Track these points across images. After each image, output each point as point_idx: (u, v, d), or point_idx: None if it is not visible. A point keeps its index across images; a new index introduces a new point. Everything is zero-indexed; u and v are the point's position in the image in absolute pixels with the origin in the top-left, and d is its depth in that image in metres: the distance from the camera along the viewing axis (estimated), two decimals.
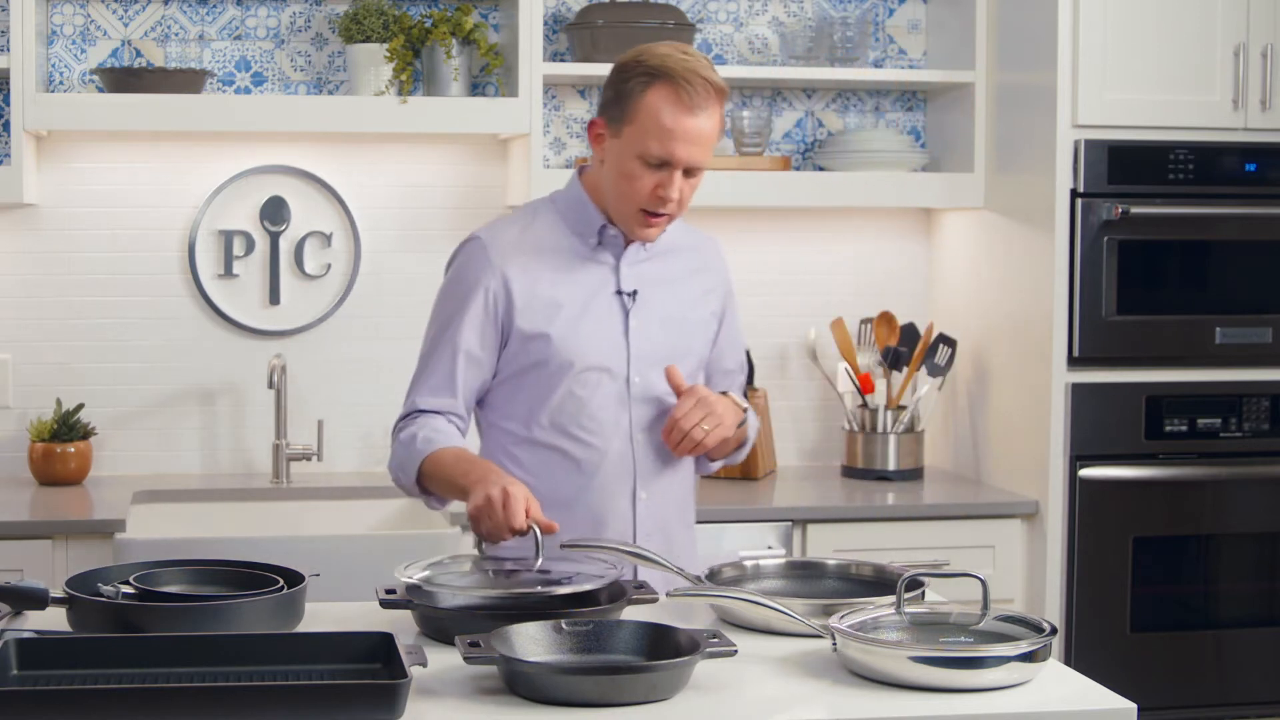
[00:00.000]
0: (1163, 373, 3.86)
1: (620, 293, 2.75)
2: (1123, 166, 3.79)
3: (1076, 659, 3.77)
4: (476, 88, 4.13)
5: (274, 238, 4.14)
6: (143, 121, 3.81)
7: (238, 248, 4.13)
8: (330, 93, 4.13)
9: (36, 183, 3.98)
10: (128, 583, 2.34)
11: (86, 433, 3.97)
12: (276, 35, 4.12)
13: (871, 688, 2.11)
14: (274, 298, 4.15)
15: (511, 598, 2.33)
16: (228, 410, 4.14)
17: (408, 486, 2.72)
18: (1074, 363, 3.81)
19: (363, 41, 3.96)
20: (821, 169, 4.23)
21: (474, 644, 2.07)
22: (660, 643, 2.14)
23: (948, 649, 2.11)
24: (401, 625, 2.33)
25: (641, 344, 2.74)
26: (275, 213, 4.14)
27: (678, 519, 2.84)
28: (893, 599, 2.27)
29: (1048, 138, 3.80)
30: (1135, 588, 3.83)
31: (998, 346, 4.06)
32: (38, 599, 2.34)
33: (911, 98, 4.39)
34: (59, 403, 4.00)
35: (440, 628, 2.30)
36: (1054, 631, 2.18)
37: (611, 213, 2.73)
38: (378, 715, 1.92)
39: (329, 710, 1.90)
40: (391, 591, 2.39)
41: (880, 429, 4.12)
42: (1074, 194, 3.78)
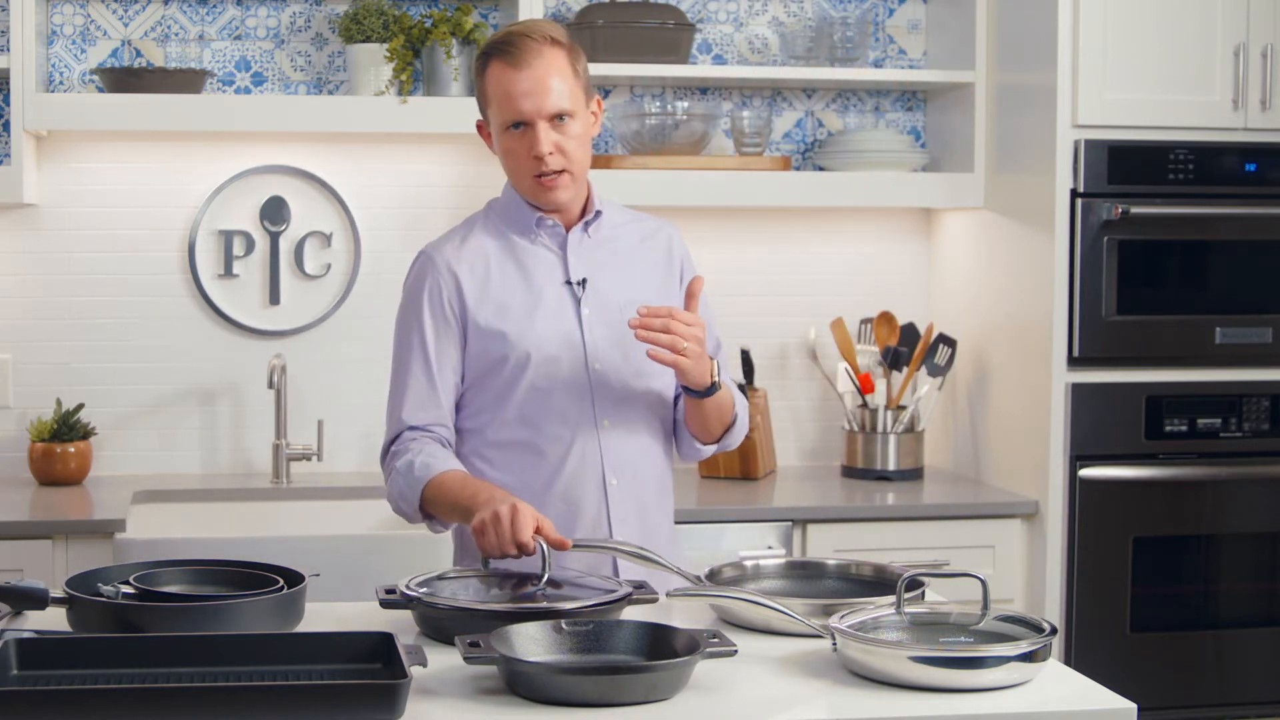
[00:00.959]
0: (1163, 373, 3.86)
1: (569, 282, 2.77)
2: (1123, 166, 3.79)
3: (1076, 659, 3.77)
4: None
5: (274, 238, 4.14)
6: (143, 121, 3.81)
7: (238, 248, 4.13)
8: (330, 93, 4.13)
9: (36, 183, 3.98)
10: (128, 583, 2.33)
11: (86, 433, 3.98)
12: (276, 35, 4.12)
13: (871, 688, 2.11)
14: (274, 298, 4.15)
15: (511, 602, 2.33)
16: (228, 410, 4.14)
17: (409, 514, 2.71)
18: (1074, 363, 3.81)
19: (363, 41, 3.96)
20: (821, 169, 4.23)
21: (474, 644, 2.07)
22: (660, 643, 2.14)
23: (948, 649, 2.11)
24: (401, 625, 2.33)
25: (597, 330, 2.75)
26: (275, 213, 4.14)
27: (655, 505, 2.83)
28: (893, 599, 2.27)
29: (1048, 138, 3.80)
30: (1135, 588, 3.83)
31: (998, 346, 4.06)
32: (38, 599, 2.34)
33: (911, 98, 4.39)
34: (59, 403, 4.00)
35: (440, 628, 2.30)
36: (1054, 631, 2.18)
37: (522, 195, 2.77)
38: (378, 715, 1.92)
39: (329, 710, 1.90)
40: (391, 591, 2.38)
41: (880, 429, 4.12)
42: (1074, 194, 3.78)
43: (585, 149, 2.73)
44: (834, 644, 2.18)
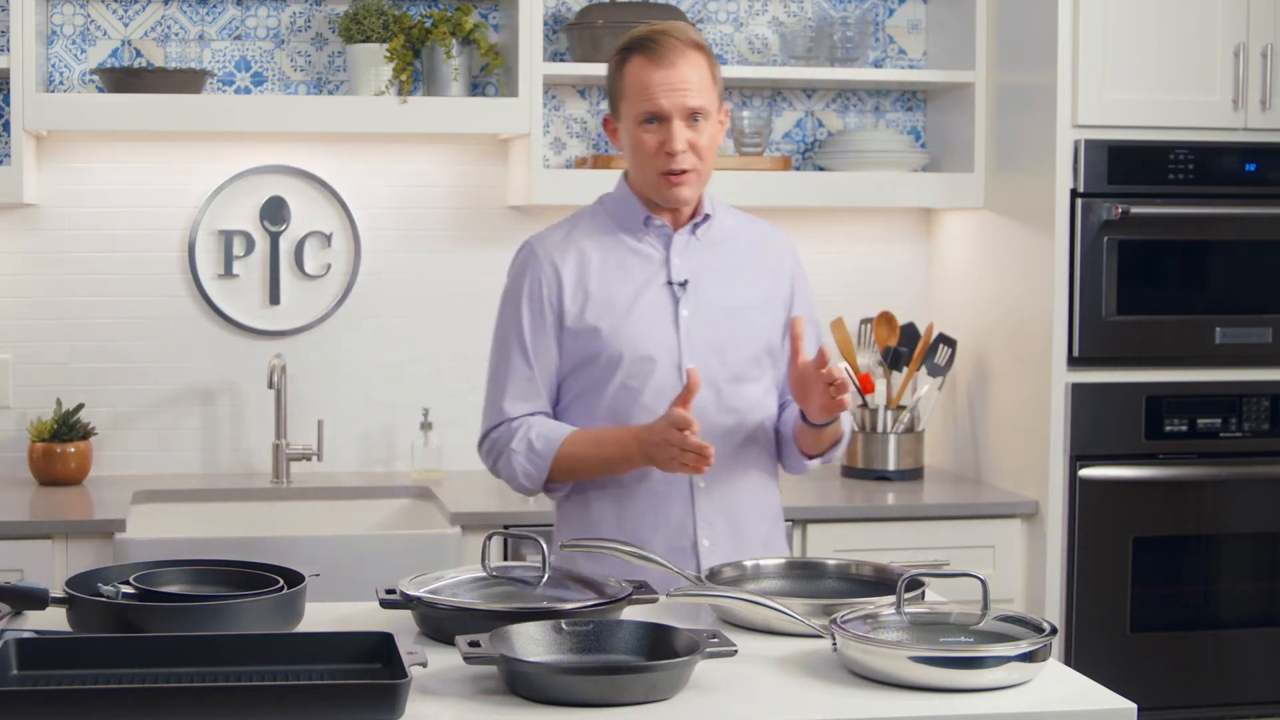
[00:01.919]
0: (1163, 373, 3.86)
1: (671, 283, 2.78)
2: (1123, 166, 3.79)
3: (1076, 659, 3.77)
4: (476, 88, 4.13)
5: (274, 238, 4.14)
6: (143, 121, 3.81)
7: (238, 248, 4.13)
8: (330, 93, 4.13)
9: (36, 183, 3.98)
10: (128, 583, 2.33)
11: (86, 433, 3.97)
12: (276, 35, 4.12)
13: (871, 688, 2.11)
14: (274, 298, 4.15)
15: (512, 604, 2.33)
16: (228, 410, 4.14)
17: (532, 488, 2.79)
18: (1074, 363, 3.81)
19: (363, 41, 3.96)
20: (821, 169, 4.23)
21: (474, 644, 2.07)
22: (660, 643, 2.14)
23: (948, 649, 2.11)
24: (401, 625, 2.33)
25: (694, 333, 2.77)
26: (275, 213, 4.14)
27: (753, 509, 2.83)
28: (893, 599, 2.27)
29: (1048, 138, 3.80)
30: (1135, 588, 3.83)
31: (998, 346, 4.06)
32: (38, 599, 2.34)
33: (911, 98, 4.39)
34: (59, 403, 4.00)
35: (440, 628, 2.30)
36: (1054, 631, 2.18)
37: (644, 190, 2.79)
38: (378, 715, 1.92)
39: (329, 710, 1.90)
40: (391, 591, 2.38)
41: (880, 429, 4.12)
42: (1074, 194, 3.78)
43: (713, 153, 2.77)
44: (834, 644, 2.18)
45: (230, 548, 3.29)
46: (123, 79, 3.86)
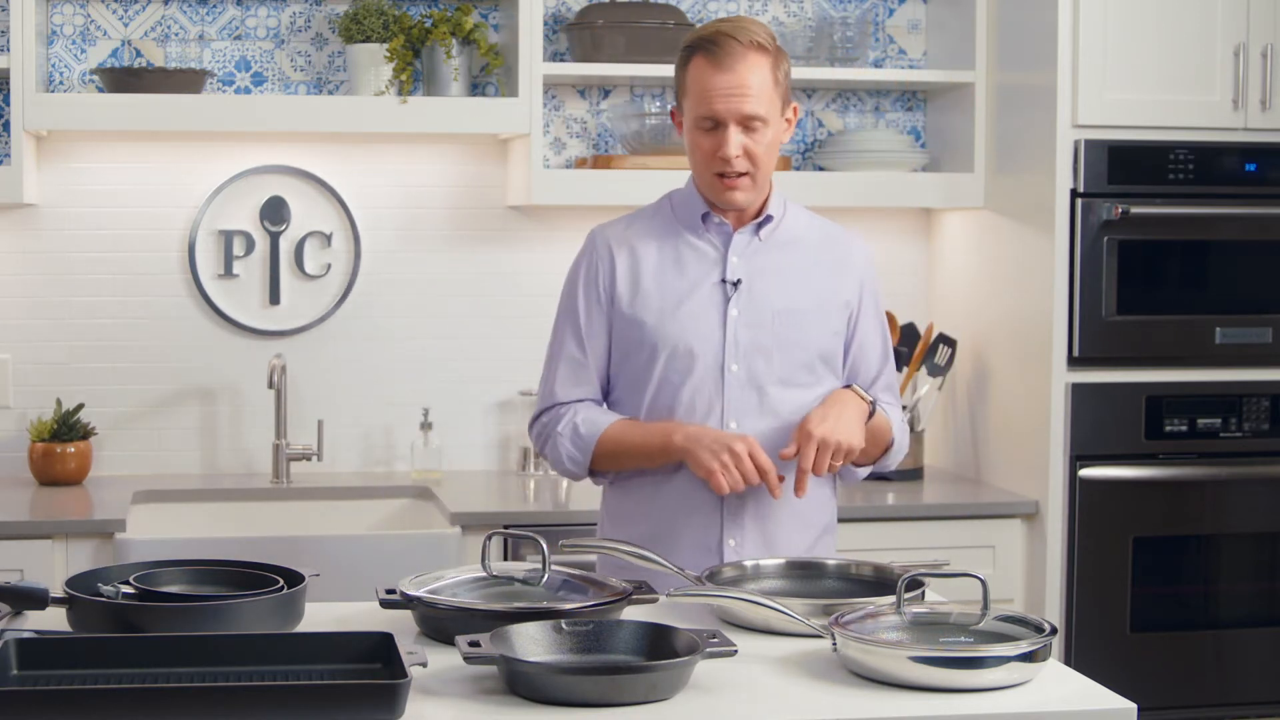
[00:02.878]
0: (1163, 373, 3.86)
1: (725, 281, 2.77)
2: (1123, 166, 3.79)
3: (1076, 659, 3.77)
4: (476, 88, 4.13)
5: (274, 238, 4.14)
6: (143, 121, 3.81)
7: (238, 248, 4.13)
8: (330, 93, 4.13)
9: (36, 183, 3.98)
10: (128, 583, 2.33)
11: (86, 433, 3.98)
12: (276, 35, 4.12)
13: (871, 688, 2.11)
14: (274, 298, 4.15)
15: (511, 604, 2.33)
16: (228, 410, 4.14)
17: (578, 473, 2.81)
18: (1074, 363, 3.81)
19: (363, 41, 3.96)
20: (821, 169, 4.23)
21: (474, 644, 2.07)
22: (660, 643, 2.14)
23: (948, 649, 2.11)
24: (401, 625, 2.33)
25: (741, 333, 2.76)
26: (275, 213, 4.14)
27: (792, 517, 2.80)
28: (893, 599, 2.27)
29: (1048, 138, 3.80)
30: (1135, 588, 3.83)
31: (998, 346, 4.06)
32: (38, 599, 2.34)
33: (911, 98, 4.39)
34: (59, 403, 4.00)
35: (440, 628, 2.30)
36: (1054, 631, 2.18)
37: (700, 189, 2.79)
38: (378, 715, 1.92)
39: (329, 710, 1.90)
40: (391, 591, 2.38)
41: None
42: (1074, 194, 3.79)
43: (772, 155, 2.75)
44: (834, 644, 2.18)
45: (230, 548, 3.29)
46: (123, 79, 3.86)
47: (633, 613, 2.40)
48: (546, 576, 2.41)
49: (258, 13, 4.11)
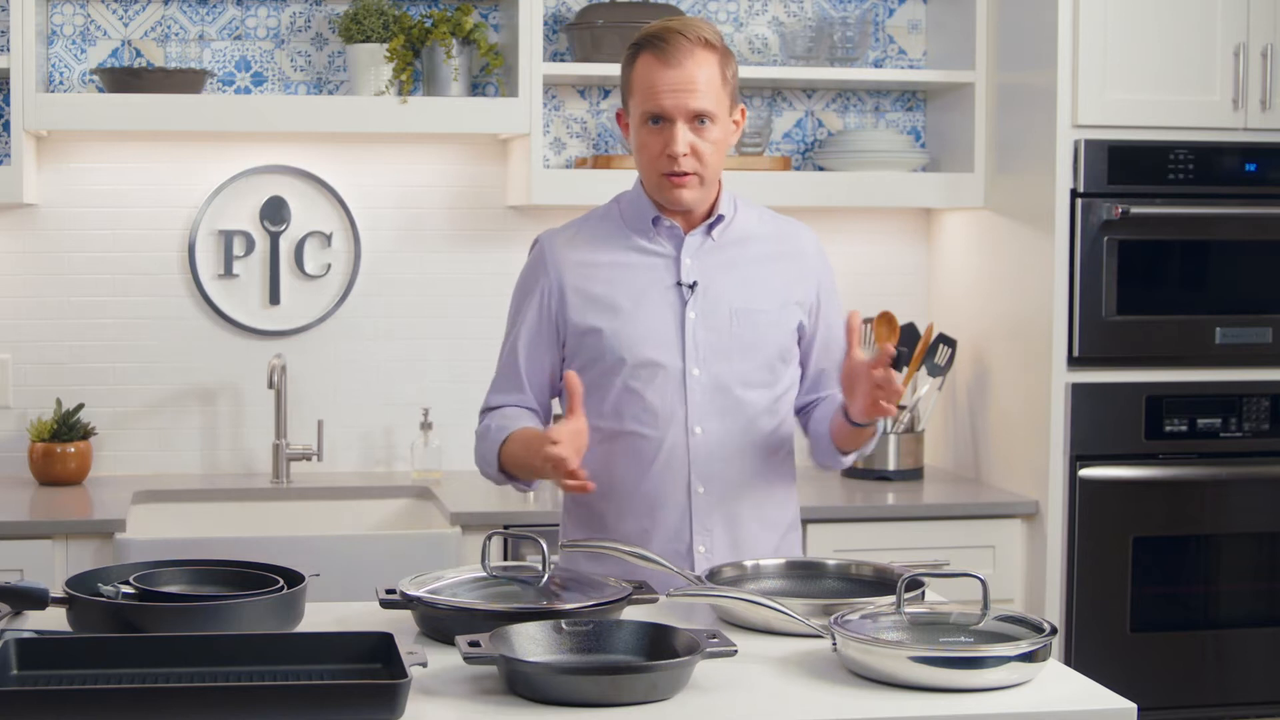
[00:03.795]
0: (1163, 373, 3.86)
1: (679, 284, 2.75)
2: (1123, 166, 3.79)
3: (1076, 659, 3.77)
4: (476, 88, 4.13)
5: (274, 238, 4.14)
6: (143, 121, 3.81)
7: (238, 248, 4.13)
8: (330, 93, 4.13)
9: (36, 183, 3.98)
10: (128, 583, 2.33)
11: (86, 433, 3.98)
12: (276, 35, 4.12)
13: (871, 688, 2.11)
14: (274, 298, 4.15)
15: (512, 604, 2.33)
16: (228, 410, 4.14)
17: (493, 476, 2.77)
18: (1074, 363, 3.81)
19: (363, 41, 3.96)
20: (821, 169, 4.23)
21: (474, 644, 2.07)
22: (660, 643, 2.14)
23: (948, 649, 2.11)
24: (401, 625, 2.33)
25: (700, 335, 2.73)
26: (275, 213, 4.14)
27: (752, 518, 2.78)
28: (893, 599, 2.27)
29: (1048, 138, 3.80)
30: (1135, 588, 3.83)
31: (998, 346, 4.06)
32: (38, 599, 2.34)
33: (911, 98, 4.39)
34: (59, 403, 4.00)
35: (440, 628, 2.30)
36: (1054, 631, 2.18)
37: (648, 190, 2.76)
38: (378, 715, 1.92)
39: (329, 710, 1.90)
40: (391, 591, 2.38)
41: (880, 429, 4.11)
42: (1074, 194, 3.79)
43: (720, 155, 2.71)
44: (834, 644, 2.18)
45: (230, 548, 3.29)
46: (123, 79, 3.86)
47: (633, 613, 2.41)
48: (546, 576, 2.41)
49: (258, 13, 4.11)
